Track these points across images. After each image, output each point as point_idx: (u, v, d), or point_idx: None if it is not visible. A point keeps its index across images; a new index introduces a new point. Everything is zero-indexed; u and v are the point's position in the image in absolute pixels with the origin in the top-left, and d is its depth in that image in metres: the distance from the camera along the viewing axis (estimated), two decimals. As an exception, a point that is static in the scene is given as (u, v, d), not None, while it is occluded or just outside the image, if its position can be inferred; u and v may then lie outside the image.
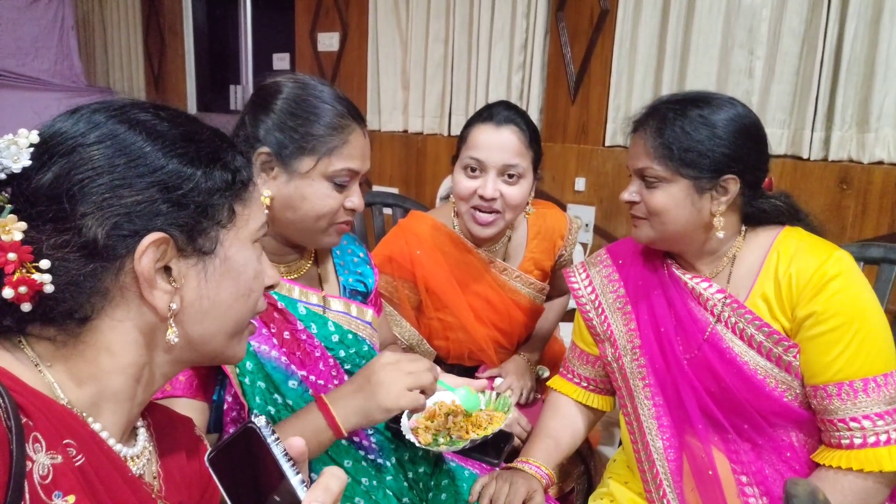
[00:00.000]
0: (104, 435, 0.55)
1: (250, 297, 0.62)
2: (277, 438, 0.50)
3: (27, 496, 0.45)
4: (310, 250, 1.10)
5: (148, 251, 0.53)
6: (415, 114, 3.40)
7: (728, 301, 1.08)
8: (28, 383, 0.51)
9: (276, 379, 0.96)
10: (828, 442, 1.02)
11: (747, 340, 1.06)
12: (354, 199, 0.98)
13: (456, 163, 1.42)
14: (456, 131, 3.27)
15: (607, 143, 2.82)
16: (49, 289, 0.51)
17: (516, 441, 1.33)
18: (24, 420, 0.48)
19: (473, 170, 1.36)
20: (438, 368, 0.97)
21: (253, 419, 0.50)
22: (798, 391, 1.04)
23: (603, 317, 1.22)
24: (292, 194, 0.95)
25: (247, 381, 0.95)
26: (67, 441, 0.50)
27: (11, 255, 0.49)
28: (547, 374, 1.62)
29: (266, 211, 0.66)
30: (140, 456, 0.60)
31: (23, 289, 0.50)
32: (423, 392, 0.91)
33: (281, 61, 4.09)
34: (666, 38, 2.57)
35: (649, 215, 1.07)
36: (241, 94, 4.33)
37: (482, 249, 1.48)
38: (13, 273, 0.50)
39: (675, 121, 1.04)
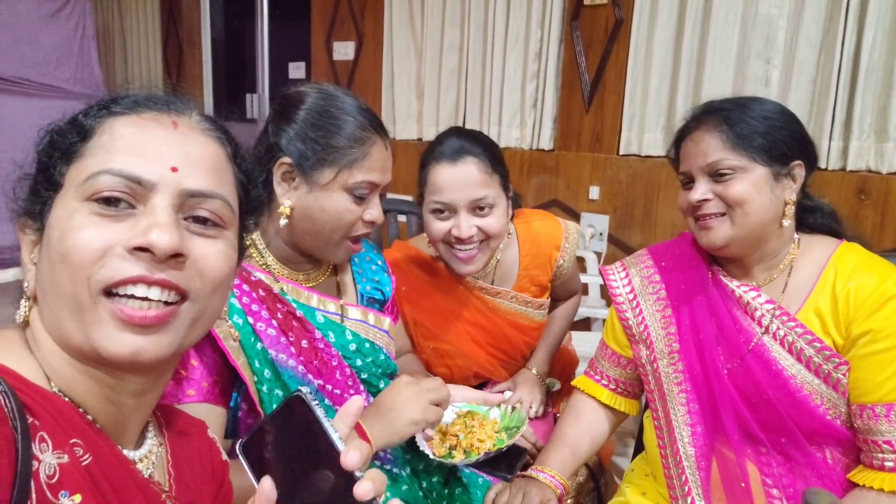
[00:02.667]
0: (100, 425, 0.56)
1: (64, 263, 0.51)
2: (323, 412, 0.49)
3: (34, 496, 0.45)
4: (325, 261, 1.10)
5: (20, 235, 0.58)
6: (429, 122, 3.42)
7: (778, 313, 1.06)
8: (34, 380, 0.52)
9: (293, 388, 0.97)
10: (868, 463, 1.00)
11: (796, 354, 1.04)
12: (373, 211, 0.98)
13: (422, 206, 1.33)
14: (470, 140, 3.29)
15: (622, 152, 2.82)
16: None
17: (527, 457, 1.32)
18: (31, 420, 0.48)
19: (441, 211, 1.29)
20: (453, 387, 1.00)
21: (300, 388, 0.50)
22: (842, 409, 1.03)
23: (640, 318, 1.20)
24: (311, 205, 0.95)
25: (264, 388, 0.96)
26: (74, 441, 0.50)
27: None
28: (558, 386, 1.60)
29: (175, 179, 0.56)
30: (147, 457, 0.60)
31: None
32: (438, 405, 0.98)
33: (297, 70, 4.13)
34: (681, 46, 2.57)
35: (729, 209, 1.04)
36: (257, 102, 4.38)
37: (470, 277, 1.43)
38: None
39: (740, 113, 1.04)
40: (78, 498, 0.48)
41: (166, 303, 0.53)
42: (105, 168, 0.53)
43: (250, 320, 0.94)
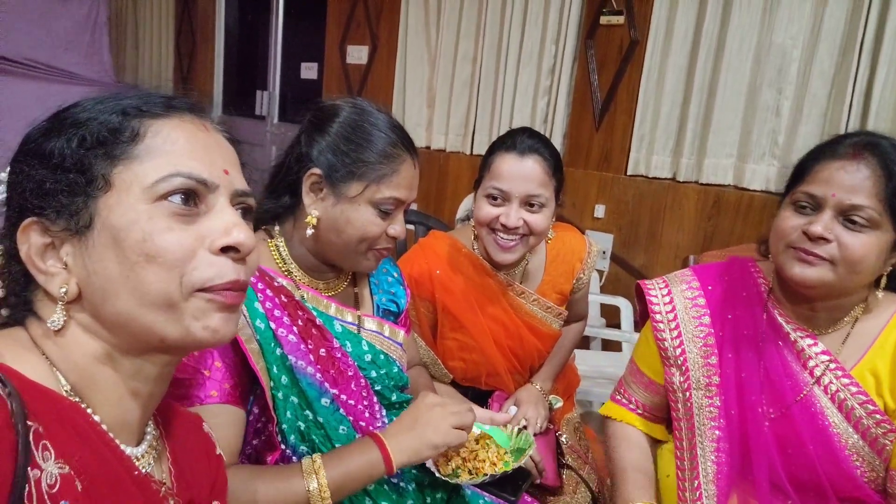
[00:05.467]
0: (104, 427, 0.56)
1: (152, 263, 0.53)
2: None
3: None
4: (347, 270, 1.11)
5: (22, 240, 0.55)
6: (438, 131, 3.43)
7: (833, 366, 1.01)
8: (41, 382, 0.52)
9: (310, 395, 0.97)
10: None
11: (845, 412, 0.99)
12: (397, 227, 0.99)
13: (478, 189, 1.42)
14: (479, 150, 3.30)
15: (629, 172, 2.83)
16: None
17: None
18: (35, 426, 0.48)
19: (495, 198, 1.36)
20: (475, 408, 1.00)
21: None
22: (880, 474, 0.99)
23: (678, 341, 1.13)
24: (338, 217, 0.96)
25: (280, 395, 0.96)
26: (75, 450, 0.50)
27: None
28: (560, 404, 1.60)
29: (242, 192, 0.61)
30: (147, 453, 0.61)
31: None
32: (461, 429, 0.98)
33: (309, 70, 4.13)
34: (694, 71, 2.59)
35: (840, 260, 0.94)
36: (266, 99, 4.38)
37: (501, 273, 1.49)
38: None
39: None
40: None
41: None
42: (176, 171, 0.55)
43: (272, 325, 0.94)
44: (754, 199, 2.55)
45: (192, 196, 0.56)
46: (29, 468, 0.46)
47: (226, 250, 0.57)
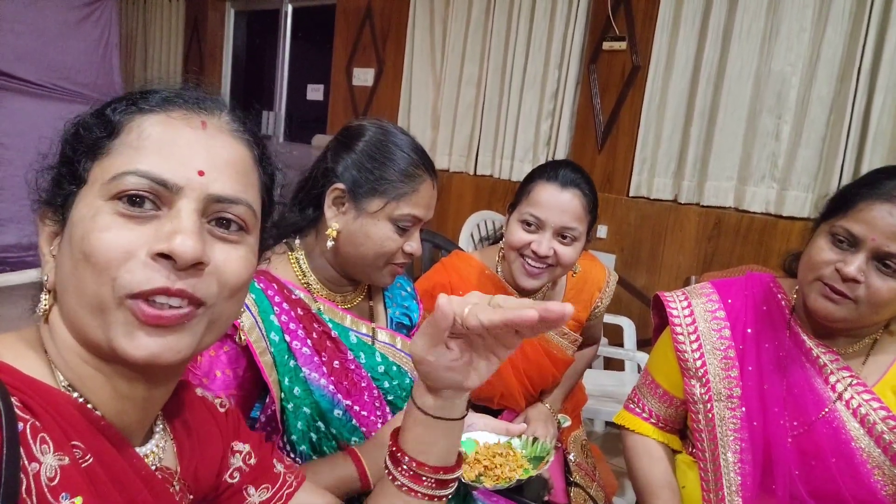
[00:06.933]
0: (107, 420, 0.55)
1: (87, 262, 0.50)
2: None
3: (34, 498, 0.45)
4: (363, 284, 1.14)
5: (40, 225, 0.57)
6: (442, 152, 3.48)
7: (854, 382, 1.03)
8: (37, 377, 0.52)
9: (323, 407, 0.98)
10: None
11: (867, 427, 1.01)
12: (413, 244, 1.03)
13: (512, 213, 1.43)
14: (482, 171, 3.35)
15: (631, 194, 2.88)
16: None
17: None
18: (32, 420, 0.47)
19: (530, 224, 1.37)
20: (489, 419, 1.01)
21: None
22: None
23: (699, 353, 1.13)
24: (357, 231, 1.00)
25: (290, 406, 0.97)
26: (75, 442, 0.50)
27: None
28: (568, 423, 1.62)
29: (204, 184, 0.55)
30: (155, 451, 0.61)
31: None
32: None
33: (315, 92, 4.20)
34: (695, 97, 2.65)
35: (865, 301, 0.95)
36: (272, 120, 4.45)
37: (522, 295, 1.51)
38: None
39: None
40: (79, 500, 0.48)
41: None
42: (131, 168, 0.52)
43: (287, 338, 0.96)
44: (754, 221, 2.58)
45: (149, 197, 0.52)
46: (27, 462, 0.46)
47: (164, 257, 0.51)
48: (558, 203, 1.34)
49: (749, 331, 1.12)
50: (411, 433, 0.69)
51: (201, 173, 0.53)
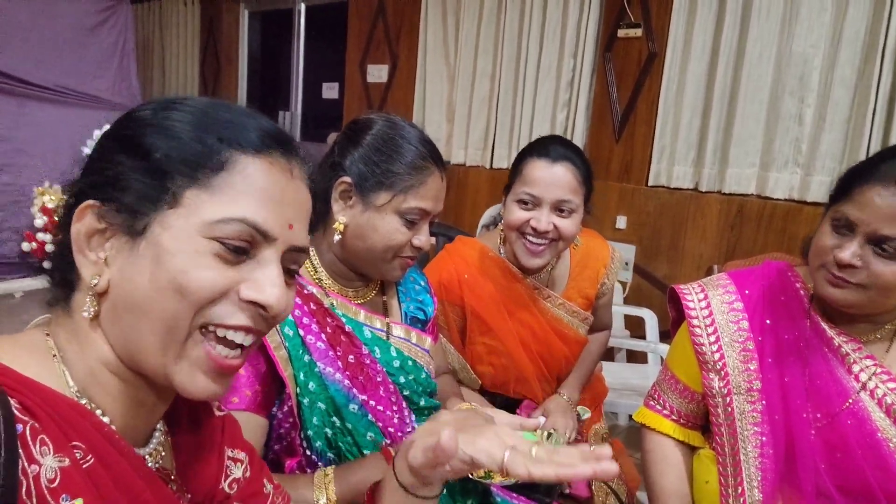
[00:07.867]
0: (112, 426, 0.55)
1: (178, 294, 0.52)
2: None
3: (34, 500, 0.45)
4: (375, 279, 1.13)
5: (78, 217, 0.54)
6: (458, 146, 3.47)
7: (879, 371, 1.00)
8: (41, 381, 0.52)
9: (338, 402, 0.98)
10: None
11: (893, 417, 0.98)
12: (422, 237, 1.02)
13: (508, 194, 1.44)
14: (498, 164, 3.32)
15: (650, 183, 2.83)
16: (49, 247, 0.56)
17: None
18: (31, 422, 0.47)
19: (526, 203, 1.38)
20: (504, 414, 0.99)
21: None
22: None
23: (717, 345, 1.11)
24: (365, 224, 0.99)
25: (306, 401, 0.97)
26: (76, 443, 0.50)
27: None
28: (588, 415, 1.59)
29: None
30: (156, 451, 0.61)
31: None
32: None
33: (330, 90, 4.21)
34: (714, 82, 2.59)
35: (870, 285, 0.94)
36: (289, 119, 4.47)
37: (527, 277, 1.50)
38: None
39: None
40: (79, 502, 0.48)
41: (242, 346, 0.57)
42: (238, 216, 0.54)
43: (301, 333, 0.96)
44: (777, 208, 2.53)
45: (247, 245, 0.55)
46: (27, 464, 0.46)
47: (254, 303, 0.55)
48: (552, 177, 1.36)
49: (768, 321, 1.09)
50: (388, 501, 0.75)
51: (291, 227, 0.58)
